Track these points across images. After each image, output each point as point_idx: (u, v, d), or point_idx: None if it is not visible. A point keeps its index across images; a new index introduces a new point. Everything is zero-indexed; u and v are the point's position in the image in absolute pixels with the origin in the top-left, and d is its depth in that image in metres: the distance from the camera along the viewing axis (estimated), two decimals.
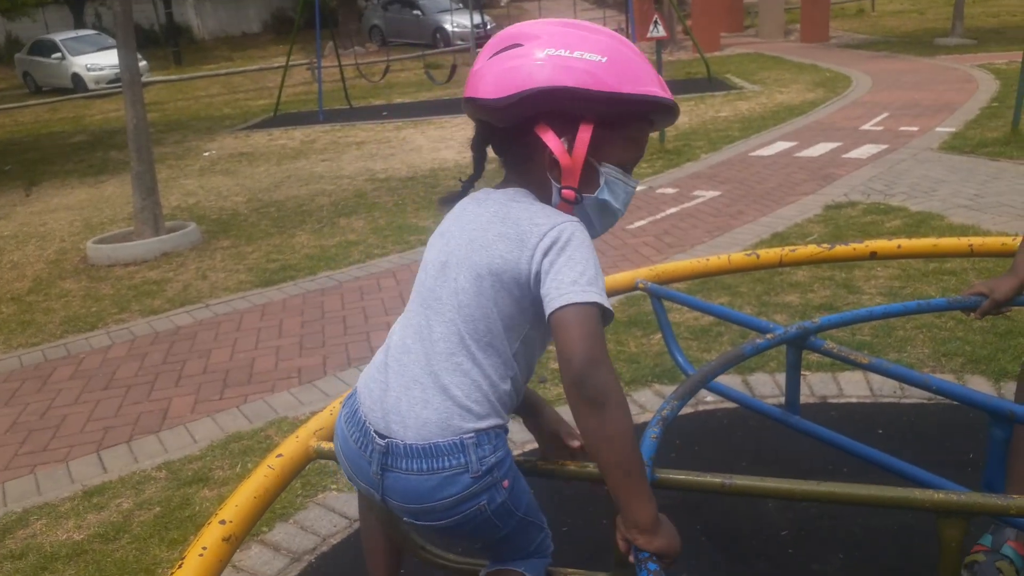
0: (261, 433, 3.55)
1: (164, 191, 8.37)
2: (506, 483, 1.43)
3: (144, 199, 6.68)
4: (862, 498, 1.36)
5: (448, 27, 22.90)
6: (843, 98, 12.04)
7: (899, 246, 2.47)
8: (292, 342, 4.60)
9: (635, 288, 2.46)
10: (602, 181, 1.44)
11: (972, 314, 2.17)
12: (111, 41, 19.74)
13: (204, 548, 1.40)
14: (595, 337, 1.27)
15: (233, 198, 8.71)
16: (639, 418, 3.40)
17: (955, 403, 3.29)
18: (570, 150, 1.39)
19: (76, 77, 21.63)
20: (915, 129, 9.17)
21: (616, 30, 1.91)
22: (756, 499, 2.76)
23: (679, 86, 14.67)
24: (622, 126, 1.44)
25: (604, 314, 1.31)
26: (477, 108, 1.43)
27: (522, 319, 1.41)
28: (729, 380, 3.68)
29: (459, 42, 21.49)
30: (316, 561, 2.64)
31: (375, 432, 1.43)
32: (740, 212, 6.49)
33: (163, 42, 27.12)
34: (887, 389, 3.48)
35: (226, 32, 31.14)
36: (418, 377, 1.42)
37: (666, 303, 2.49)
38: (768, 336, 2.00)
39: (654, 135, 10.28)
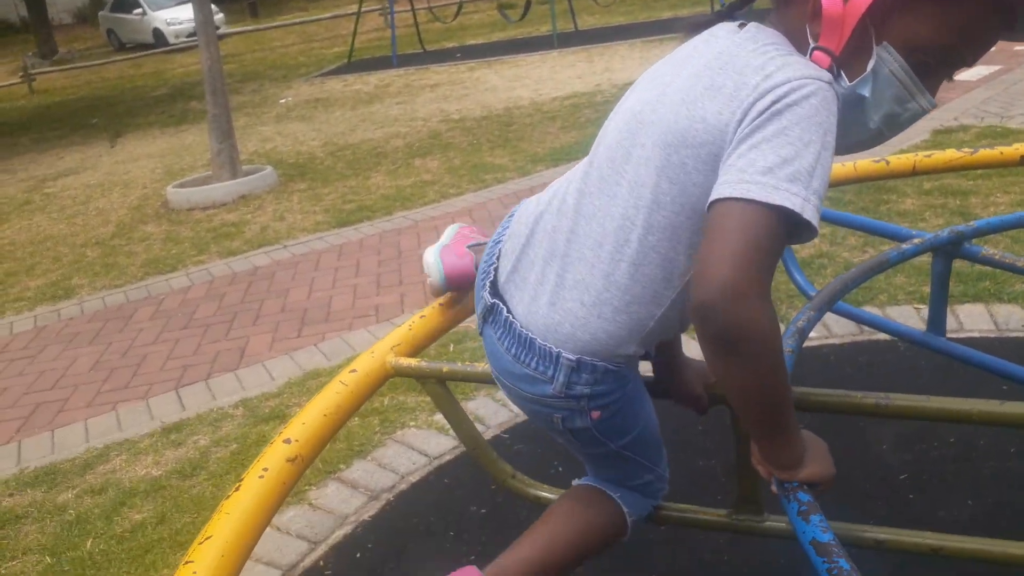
0: (339, 371, 3.43)
1: (242, 138, 8.38)
2: (596, 414, 1.19)
3: (220, 143, 6.65)
4: None
5: None
6: None
7: None
8: (369, 280, 4.49)
9: None
10: (871, 66, 1.02)
11: None
12: None
13: (265, 469, 1.22)
14: (752, 258, 0.92)
15: (309, 142, 8.65)
16: None
17: None
18: None
19: (157, 32, 22.02)
20: None
21: None
22: (870, 440, 2.50)
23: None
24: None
25: (797, 225, 0.94)
26: None
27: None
28: (828, 317, 3.38)
29: None
30: (395, 500, 2.52)
31: (492, 283, 1.24)
32: None
33: None
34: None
35: None
36: (556, 255, 1.14)
37: None
38: (915, 241, 1.72)
39: None
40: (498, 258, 1.26)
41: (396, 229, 5.34)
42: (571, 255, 1.13)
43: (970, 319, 3.22)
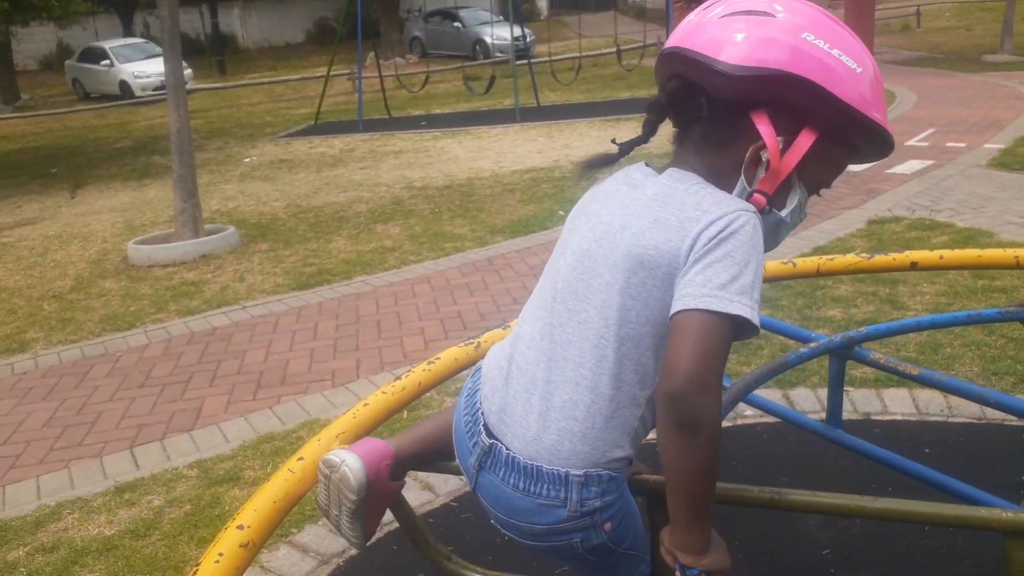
0: (293, 434, 3.53)
1: (205, 195, 8.48)
2: (608, 526, 1.28)
3: (184, 201, 6.76)
4: (923, 516, 1.28)
5: (488, 39, 23.00)
6: (888, 113, 11.83)
7: (941, 256, 2.38)
8: (326, 345, 4.60)
9: None
10: (795, 200, 1.25)
11: None
12: (158, 49, 20.08)
13: (221, 554, 1.35)
14: (713, 357, 1.11)
15: (272, 203, 8.79)
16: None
17: (1005, 423, 3.17)
18: (782, 152, 1.22)
19: (123, 84, 22.12)
20: (962, 145, 8.97)
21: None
22: (796, 517, 2.67)
23: None
24: (839, 145, 1.26)
25: (743, 328, 1.14)
26: (688, 65, 1.22)
27: None
28: (769, 394, 3.59)
29: (498, 54, 21.55)
30: (344, 564, 2.61)
31: (484, 426, 1.32)
32: None
33: (208, 51, 27.61)
34: (934, 407, 3.36)
35: (269, 42, 31.66)
36: (537, 383, 1.27)
37: None
38: (812, 345, 1.93)
39: None
40: (480, 406, 1.35)
41: (355, 294, 5.47)
42: (554, 380, 1.25)
43: (894, 402, 3.45)
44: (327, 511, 1.54)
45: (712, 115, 1.24)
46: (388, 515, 2.82)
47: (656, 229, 1.20)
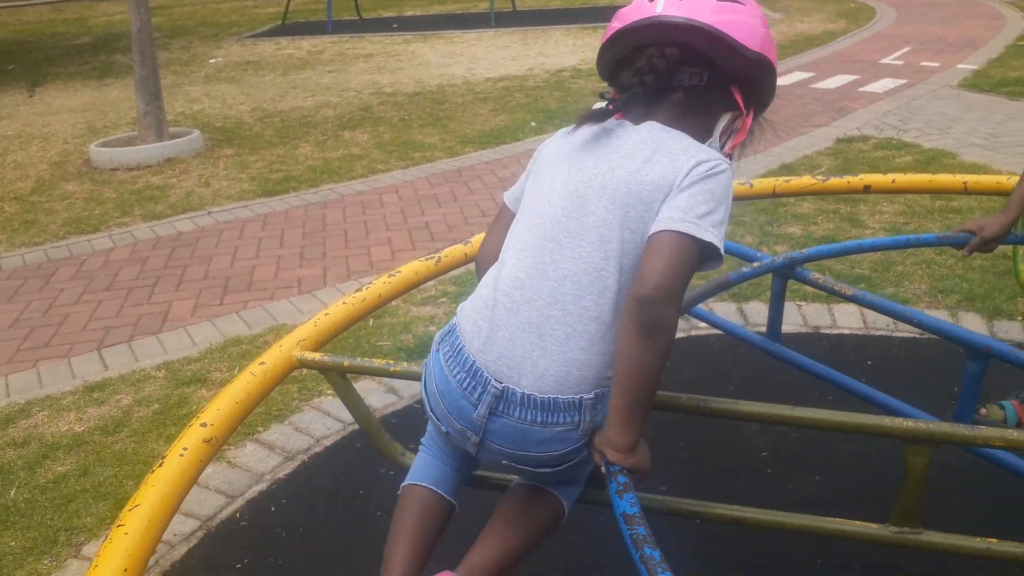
0: (260, 339, 3.59)
1: (168, 97, 8.28)
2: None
3: (147, 104, 6.60)
4: (832, 424, 1.38)
5: None
6: (865, 30, 11.73)
7: (893, 180, 2.45)
8: (293, 252, 4.62)
9: None
10: (735, 158, 1.47)
11: (962, 250, 2.17)
12: None
13: (185, 448, 1.42)
14: (682, 273, 1.24)
15: (238, 107, 8.60)
16: None
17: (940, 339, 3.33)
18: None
19: None
20: (936, 65, 8.97)
21: None
22: (739, 423, 2.82)
23: None
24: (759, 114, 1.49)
25: (709, 258, 1.29)
26: (710, 40, 1.33)
27: None
28: (724, 308, 3.71)
29: None
30: (309, 460, 2.72)
31: (490, 375, 1.34)
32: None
33: None
34: (880, 322, 3.50)
35: None
36: (534, 322, 1.32)
37: None
38: (754, 264, 2.01)
39: None
40: (474, 359, 1.36)
41: (322, 202, 5.46)
42: (553, 315, 1.31)
43: (844, 317, 3.58)
44: None
45: (707, 85, 1.38)
46: (348, 417, 2.93)
47: (650, 167, 1.32)
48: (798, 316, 3.59)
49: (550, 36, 12.43)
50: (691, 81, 1.37)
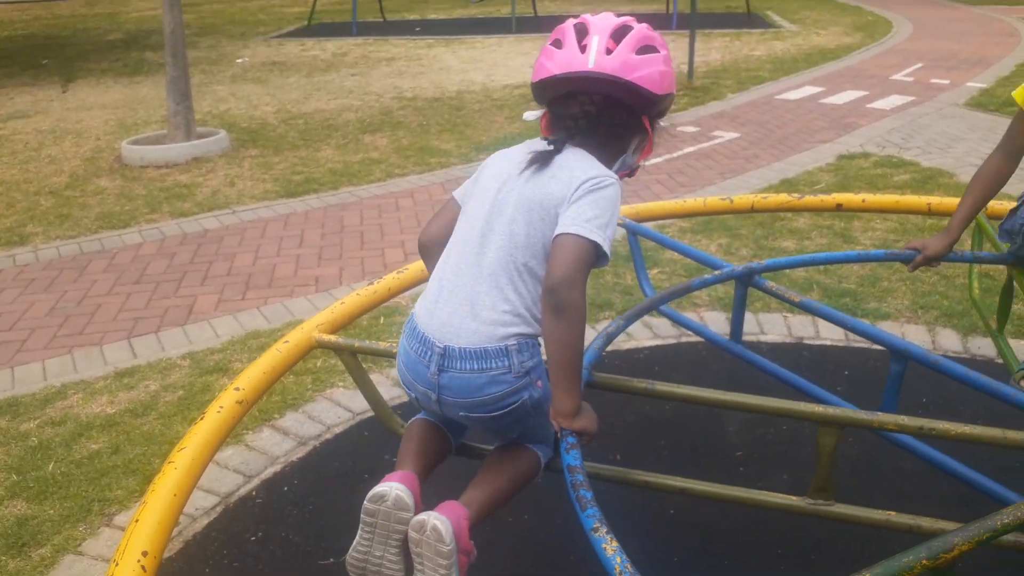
0: (278, 333, 3.85)
1: (196, 96, 8.58)
2: (539, 383, 1.70)
3: (178, 104, 6.90)
4: (758, 407, 1.63)
5: None
6: (880, 44, 11.87)
7: (863, 200, 2.66)
8: (312, 252, 4.88)
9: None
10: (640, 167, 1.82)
11: (908, 266, 2.40)
12: None
13: (221, 407, 1.69)
14: (582, 266, 1.56)
15: (263, 107, 8.90)
16: (626, 343, 3.67)
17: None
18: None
19: None
20: (946, 82, 9.11)
21: None
22: (720, 423, 3.04)
23: (716, 20, 14.46)
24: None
25: (601, 256, 1.60)
26: (630, 92, 1.66)
27: None
28: (713, 317, 3.93)
29: None
30: (320, 446, 2.97)
31: (434, 339, 1.67)
32: (755, 156, 6.61)
33: None
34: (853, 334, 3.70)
35: None
36: (469, 296, 1.66)
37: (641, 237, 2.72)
38: (716, 272, 2.23)
39: (685, 71, 10.10)
40: (424, 332, 1.70)
41: (341, 204, 5.72)
42: (480, 290, 1.66)
43: (826, 328, 3.79)
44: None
45: (625, 122, 1.73)
46: (363, 403, 3.17)
47: (552, 182, 1.66)
48: (783, 327, 3.80)
49: None
50: (613, 121, 1.71)
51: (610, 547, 1.19)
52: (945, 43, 11.70)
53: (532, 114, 1.81)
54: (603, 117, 1.69)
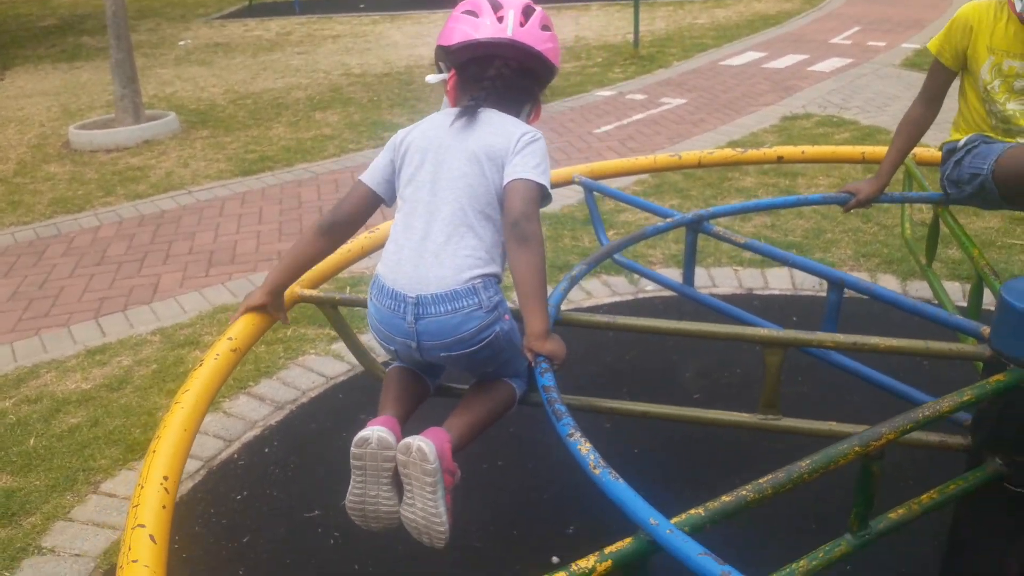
0: None
1: (141, 80, 8.45)
2: (507, 316, 1.87)
3: (124, 87, 6.82)
4: (707, 333, 1.79)
5: None
6: (819, 10, 12.16)
7: (803, 151, 2.83)
8: (271, 228, 4.92)
9: (572, 182, 2.82)
10: None
11: (842, 207, 2.59)
12: None
13: (217, 354, 1.79)
14: (535, 203, 1.80)
15: (210, 89, 8.81)
16: (586, 301, 3.82)
17: (864, 298, 3.73)
18: None
19: None
20: (882, 44, 9.41)
21: None
22: (676, 369, 3.21)
23: None
24: None
25: (546, 198, 1.83)
26: (537, 61, 1.87)
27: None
28: (668, 273, 4.10)
29: None
30: (297, 409, 3.06)
31: (405, 292, 1.81)
32: (702, 120, 6.80)
33: None
34: (808, 284, 3.91)
35: None
36: (429, 248, 1.81)
37: (597, 195, 2.86)
38: (668, 219, 2.38)
39: (631, 40, 10.27)
40: (394, 288, 1.83)
41: (297, 180, 5.75)
42: (441, 239, 1.82)
43: (775, 279, 3.99)
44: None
45: (527, 88, 1.96)
46: (336, 368, 3.27)
47: (493, 136, 1.86)
48: (735, 279, 3.99)
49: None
50: (520, 86, 1.93)
51: (584, 447, 1.32)
52: (881, 7, 12.03)
53: (435, 77, 1.99)
54: (514, 81, 1.90)
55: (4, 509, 2.56)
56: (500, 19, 1.85)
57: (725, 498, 1.26)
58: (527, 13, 1.89)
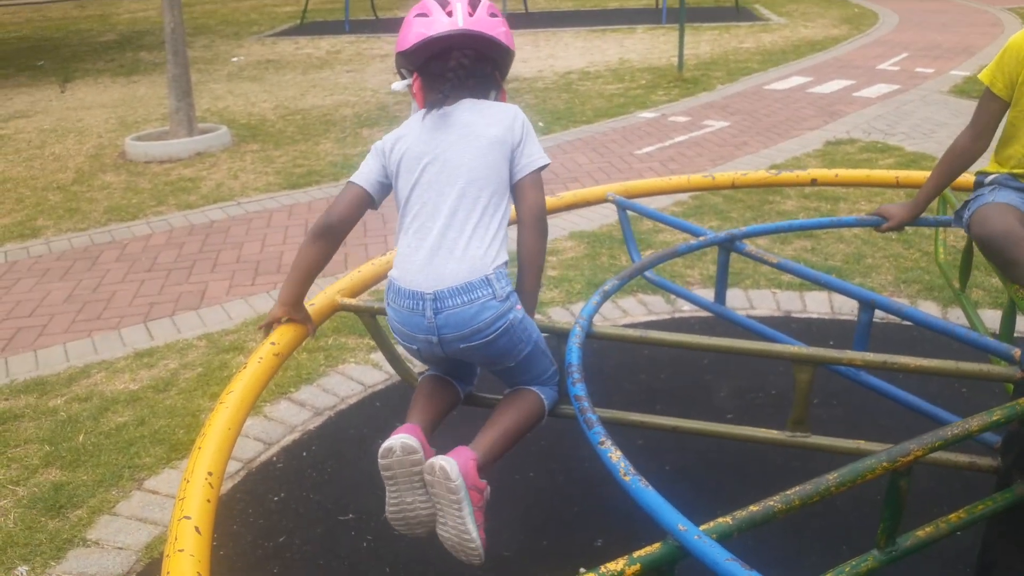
0: None
1: (195, 94, 8.71)
2: (519, 306, 1.95)
3: (179, 101, 7.04)
4: (738, 350, 1.81)
5: None
6: (866, 36, 12.07)
7: (836, 174, 2.84)
8: None
9: (606, 200, 2.86)
10: None
11: (877, 230, 2.59)
12: None
13: (260, 358, 1.86)
14: (542, 192, 2.01)
15: (261, 104, 9.04)
16: (622, 319, 3.84)
17: (904, 324, 3.70)
18: None
19: None
20: (931, 71, 9.31)
21: None
22: (711, 391, 3.22)
23: (705, 14, 14.64)
24: None
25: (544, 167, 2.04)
26: (495, 48, 1.98)
27: (510, 175, 1.99)
28: (703, 295, 4.10)
29: None
30: (335, 416, 3.14)
31: (422, 291, 1.89)
32: (744, 143, 6.79)
33: None
34: (847, 308, 3.88)
35: None
36: (444, 244, 1.90)
37: (632, 214, 2.90)
38: (700, 238, 2.41)
39: (675, 64, 10.28)
40: (412, 288, 1.91)
41: None
42: (449, 236, 1.91)
43: (813, 303, 3.97)
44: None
45: (489, 75, 2.05)
46: (374, 376, 3.34)
47: (493, 125, 1.97)
48: (772, 302, 3.98)
49: (560, 38, 12.82)
50: (483, 73, 2.02)
51: (614, 455, 1.36)
52: (930, 34, 11.91)
53: (400, 84, 2.09)
54: (475, 69, 1.99)
55: (53, 502, 2.66)
56: (450, 13, 1.95)
57: (753, 507, 1.28)
58: (474, 4, 1.98)
